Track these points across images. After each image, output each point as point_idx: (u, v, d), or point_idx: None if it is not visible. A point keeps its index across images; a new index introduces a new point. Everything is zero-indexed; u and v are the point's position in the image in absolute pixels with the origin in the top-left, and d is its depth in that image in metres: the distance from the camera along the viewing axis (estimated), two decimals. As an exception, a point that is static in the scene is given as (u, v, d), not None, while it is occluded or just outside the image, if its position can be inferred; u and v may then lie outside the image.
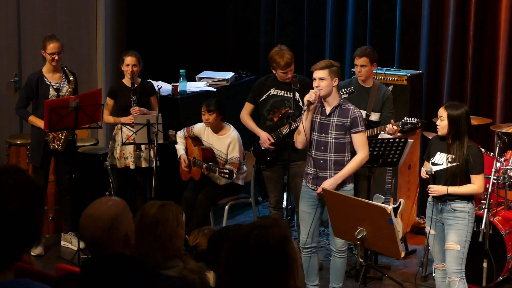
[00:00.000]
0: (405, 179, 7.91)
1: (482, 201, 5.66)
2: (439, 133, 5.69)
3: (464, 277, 5.69)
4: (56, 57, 7.07)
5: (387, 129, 6.73)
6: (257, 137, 7.18)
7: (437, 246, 5.88)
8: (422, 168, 5.87)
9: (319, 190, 5.99)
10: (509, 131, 6.78)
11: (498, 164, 6.53)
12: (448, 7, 7.96)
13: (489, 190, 5.54)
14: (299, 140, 6.17)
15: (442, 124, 5.64)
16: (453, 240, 5.67)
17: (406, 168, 7.83)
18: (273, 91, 7.08)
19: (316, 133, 6.09)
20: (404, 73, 7.79)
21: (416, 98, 7.89)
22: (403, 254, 6.31)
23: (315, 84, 6.02)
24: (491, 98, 7.77)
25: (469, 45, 7.88)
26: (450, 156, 5.65)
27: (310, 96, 5.97)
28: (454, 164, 5.60)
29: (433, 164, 5.76)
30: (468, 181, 5.61)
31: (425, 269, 6.95)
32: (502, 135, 5.65)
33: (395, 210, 6.97)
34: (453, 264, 5.71)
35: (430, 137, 7.26)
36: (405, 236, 7.36)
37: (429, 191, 5.77)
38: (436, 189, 5.70)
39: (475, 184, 5.60)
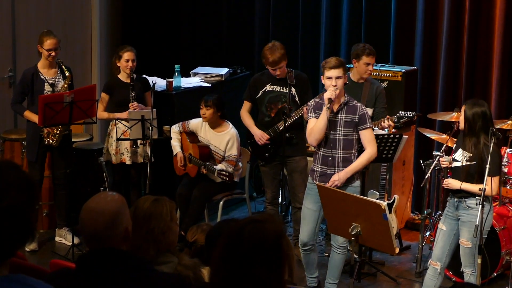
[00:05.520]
0: (400, 175, 7.92)
1: (476, 197, 5.66)
2: (460, 127, 5.77)
3: (476, 272, 5.75)
4: (53, 53, 7.06)
5: (381, 124, 6.74)
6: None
7: (441, 243, 5.88)
8: (442, 159, 5.90)
9: (330, 183, 6.02)
10: (504, 127, 6.79)
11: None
12: (443, 3, 7.96)
13: (484, 186, 5.54)
14: (315, 137, 6.05)
15: (460, 118, 5.74)
16: (466, 237, 5.72)
17: (400, 164, 7.84)
18: (268, 87, 7.08)
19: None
20: (399, 69, 7.79)
21: (410, 94, 7.90)
22: (397, 250, 6.32)
23: (331, 83, 5.97)
24: (485, 94, 7.77)
25: (463, 41, 7.89)
26: (468, 154, 5.68)
27: (331, 94, 5.93)
28: (469, 163, 5.65)
29: (453, 160, 5.80)
30: (483, 180, 5.62)
31: (419, 265, 6.96)
32: (496, 131, 5.65)
33: (390, 206, 6.98)
34: (464, 260, 5.80)
35: (425, 133, 7.30)
36: (399, 232, 7.37)
37: (443, 185, 5.85)
38: (450, 182, 5.76)
39: (487, 186, 5.61)
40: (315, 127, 6.05)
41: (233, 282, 2.52)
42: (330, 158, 6.08)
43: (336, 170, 6.07)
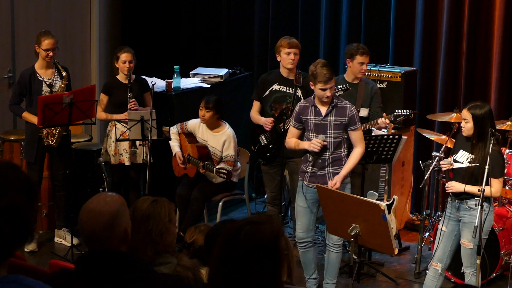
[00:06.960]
0: (399, 176, 7.92)
1: (476, 198, 5.66)
2: (465, 134, 5.70)
3: (476, 272, 5.75)
4: (51, 53, 7.06)
5: (378, 122, 6.74)
6: (258, 136, 7.20)
7: (442, 244, 5.88)
8: (442, 161, 5.91)
9: (334, 184, 6.07)
10: (503, 128, 6.79)
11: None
12: (442, 4, 7.96)
13: (483, 187, 5.54)
14: (291, 150, 6.43)
15: (468, 126, 5.64)
16: (467, 238, 5.72)
17: (400, 164, 7.84)
18: (275, 87, 7.11)
19: (313, 134, 6.13)
20: (398, 70, 7.79)
21: (410, 95, 7.89)
22: (396, 251, 6.32)
23: (326, 94, 6.02)
24: (484, 95, 7.77)
25: (463, 42, 7.89)
26: (471, 156, 5.67)
27: (317, 148, 6.07)
28: (474, 164, 5.64)
29: (454, 161, 5.79)
30: (487, 182, 5.62)
31: (419, 266, 6.96)
32: (496, 132, 5.64)
33: (389, 206, 6.98)
34: (465, 260, 5.81)
35: (424, 134, 7.31)
36: (398, 233, 7.37)
37: (446, 188, 5.83)
38: (453, 185, 5.75)
39: (492, 188, 5.61)
40: (292, 145, 6.30)
41: (231, 283, 2.52)
42: (320, 161, 6.16)
43: (327, 170, 6.15)
